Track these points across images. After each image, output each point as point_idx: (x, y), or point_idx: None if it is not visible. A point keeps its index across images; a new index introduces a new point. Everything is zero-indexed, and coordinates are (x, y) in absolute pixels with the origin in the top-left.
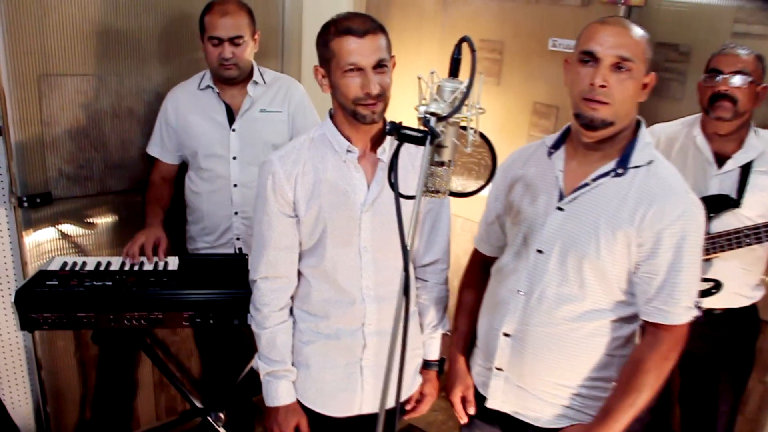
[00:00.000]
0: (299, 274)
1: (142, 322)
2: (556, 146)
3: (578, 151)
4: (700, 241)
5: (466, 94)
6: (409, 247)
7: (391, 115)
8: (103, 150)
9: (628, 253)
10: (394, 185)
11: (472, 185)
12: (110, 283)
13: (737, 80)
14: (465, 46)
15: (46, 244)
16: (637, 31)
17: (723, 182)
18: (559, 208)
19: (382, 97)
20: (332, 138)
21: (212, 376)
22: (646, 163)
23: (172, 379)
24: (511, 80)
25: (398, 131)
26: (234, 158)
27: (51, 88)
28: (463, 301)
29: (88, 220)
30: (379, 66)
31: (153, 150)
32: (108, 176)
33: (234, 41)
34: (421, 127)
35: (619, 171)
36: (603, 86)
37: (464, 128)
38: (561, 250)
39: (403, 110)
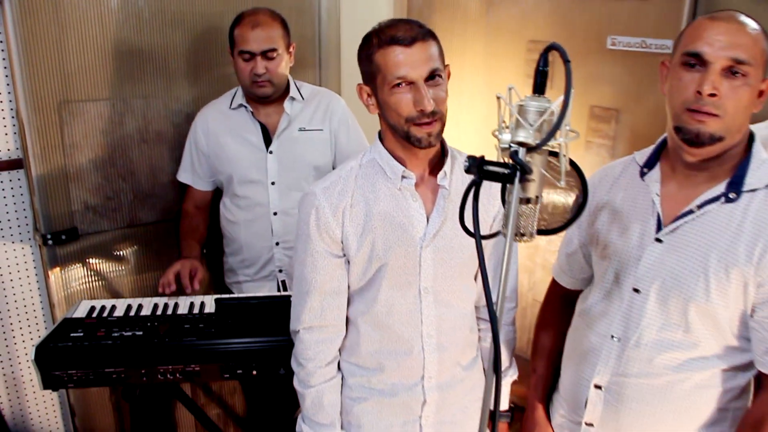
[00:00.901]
0: (347, 321)
1: (178, 375)
2: (649, 165)
3: (678, 172)
4: None
5: (562, 117)
6: (496, 301)
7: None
8: (131, 179)
9: (744, 294)
10: (474, 232)
11: (559, 221)
12: (141, 333)
13: None
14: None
15: (74, 283)
16: (754, 27)
17: None
18: (658, 240)
19: (438, 115)
20: (384, 163)
21: (257, 424)
22: (765, 186)
23: (213, 428)
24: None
25: (481, 168)
26: (272, 183)
27: (72, 115)
28: (541, 342)
29: (118, 255)
30: (432, 77)
31: (184, 177)
32: (137, 207)
33: (267, 55)
34: (507, 161)
35: (731, 196)
36: (713, 95)
37: (554, 153)
38: (661, 290)
39: (448, 127)
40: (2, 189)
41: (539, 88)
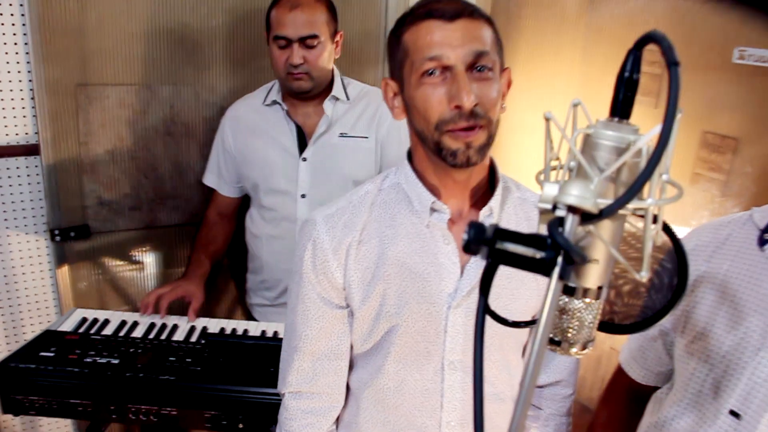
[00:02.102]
0: (348, 389)
1: (151, 417)
2: None
3: None
4: None
5: (654, 161)
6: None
7: (508, 165)
8: (153, 175)
9: None
10: (492, 312)
11: (634, 312)
12: (117, 361)
13: None
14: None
15: (82, 284)
16: None
17: None
18: None
19: (484, 119)
20: (410, 189)
21: None
22: None
23: None
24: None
25: (493, 248)
26: (302, 196)
27: (89, 100)
28: None
29: (133, 258)
30: (479, 68)
31: (209, 179)
32: (158, 207)
33: (306, 42)
34: (544, 233)
35: None
36: None
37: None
38: None
39: (527, 161)
40: (18, 176)
41: (622, 108)
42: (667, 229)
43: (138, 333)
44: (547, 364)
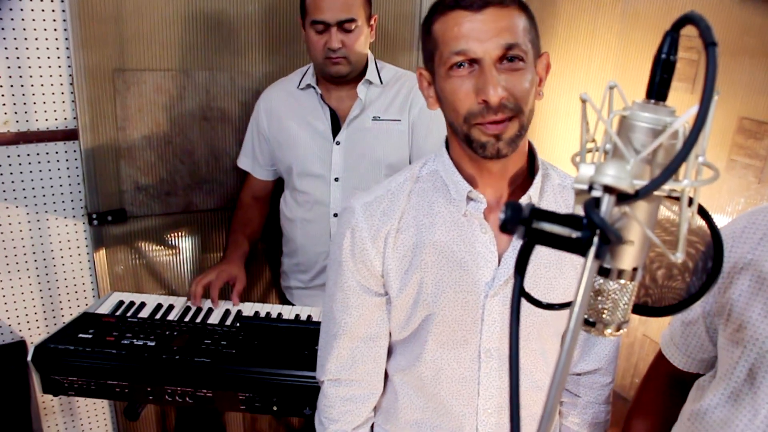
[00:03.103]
0: (385, 376)
1: (187, 399)
2: None
3: None
4: None
5: (690, 143)
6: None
7: (550, 153)
8: (189, 160)
9: None
10: (527, 294)
11: (669, 295)
12: (153, 344)
13: None
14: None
15: (119, 267)
16: None
17: None
18: None
19: (514, 112)
20: (448, 178)
21: None
22: None
23: None
24: None
25: (530, 227)
26: (336, 180)
27: (127, 85)
28: None
29: (169, 243)
30: (510, 59)
31: (244, 162)
32: (194, 192)
33: (344, 26)
34: (581, 214)
35: None
36: None
37: (673, 197)
38: None
39: (562, 145)
40: (57, 161)
41: (659, 90)
42: (702, 211)
43: (173, 316)
44: (587, 353)
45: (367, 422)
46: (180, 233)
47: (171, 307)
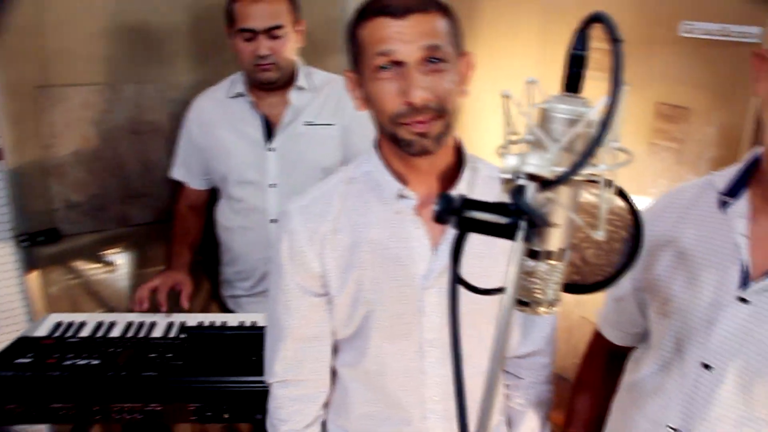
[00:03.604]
0: (334, 373)
1: (136, 416)
2: (733, 192)
3: None
4: None
5: (603, 131)
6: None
7: (478, 147)
8: (121, 175)
9: None
10: (463, 281)
11: (597, 273)
12: (98, 362)
13: None
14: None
15: (54, 289)
16: None
17: None
18: (742, 299)
19: (438, 111)
20: (379, 177)
21: None
22: None
23: None
24: (628, 75)
25: (458, 214)
26: (272, 185)
27: (52, 102)
28: (577, 409)
29: (105, 259)
30: (432, 61)
31: (177, 173)
32: (128, 206)
33: (272, 33)
34: (509, 201)
35: None
36: None
37: (593, 181)
38: (744, 370)
39: (491, 139)
40: None
41: (573, 83)
42: (621, 193)
43: (116, 333)
44: (526, 336)
45: (317, 420)
46: (116, 249)
47: (113, 325)
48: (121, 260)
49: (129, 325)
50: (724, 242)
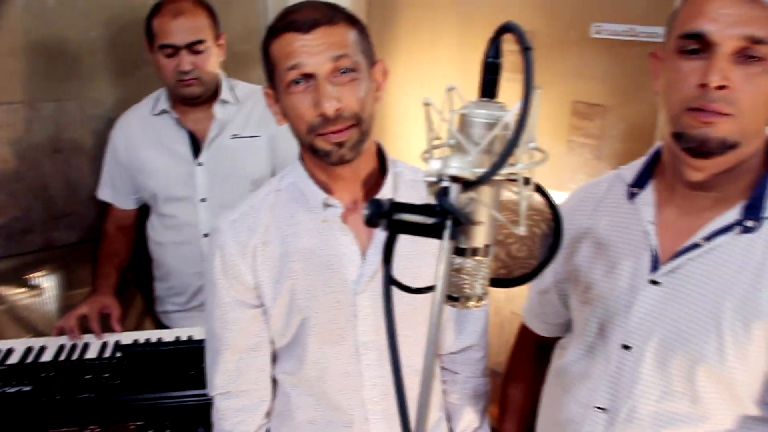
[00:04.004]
0: (274, 382)
1: None
2: (639, 183)
3: (678, 192)
4: None
5: (517, 133)
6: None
7: (402, 152)
8: (44, 195)
9: None
10: (396, 281)
11: (522, 266)
12: (30, 388)
13: None
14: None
15: None
16: None
17: None
18: (654, 282)
19: (352, 119)
20: (305, 188)
21: None
22: None
23: None
24: (543, 76)
25: (388, 218)
26: (202, 200)
27: None
28: (510, 399)
29: (31, 283)
30: (343, 71)
31: (104, 194)
32: (53, 227)
33: (193, 48)
34: (434, 203)
35: (749, 224)
36: (722, 87)
37: (512, 180)
38: (660, 347)
39: (417, 145)
40: None
41: (489, 89)
42: (540, 189)
43: (47, 357)
44: (460, 332)
45: (261, 429)
46: (42, 272)
47: (43, 349)
48: (47, 283)
49: (60, 348)
50: (635, 230)
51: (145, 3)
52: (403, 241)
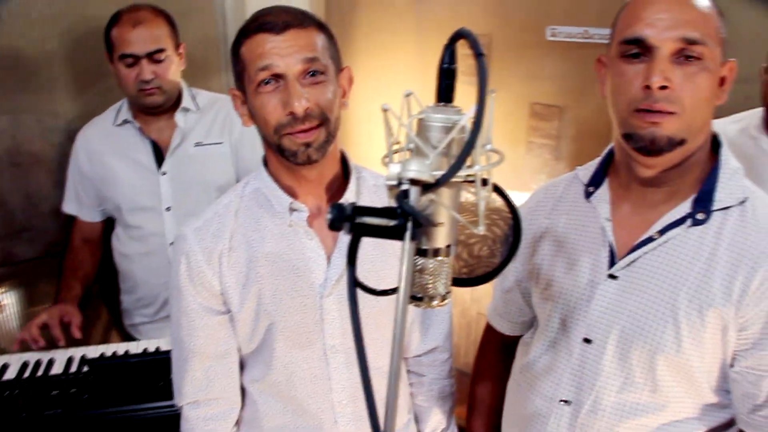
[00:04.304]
0: (243, 389)
1: None
2: (595, 182)
3: (631, 189)
4: None
5: (473, 136)
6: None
7: (363, 157)
8: (3, 210)
9: (723, 340)
10: (360, 284)
11: (484, 265)
12: None
13: None
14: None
15: None
16: (703, 0)
17: None
18: (612, 276)
19: (320, 120)
20: (269, 193)
21: None
22: (739, 202)
23: None
24: (502, 79)
25: (351, 221)
26: (167, 209)
27: None
28: (478, 397)
29: None
30: (312, 74)
31: (69, 207)
32: (13, 242)
33: (154, 57)
34: (395, 205)
35: (699, 216)
36: (664, 87)
37: (471, 181)
38: (620, 340)
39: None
40: None
41: (445, 94)
42: (498, 190)
43: (10, 375)
44: (425, 334)
45: None
46: (2, 288)
47: (5, 367)
48: (7, 300)
49: (24, 364)
50: (593, 227)
51: (101, 14)
52: (368, 244)
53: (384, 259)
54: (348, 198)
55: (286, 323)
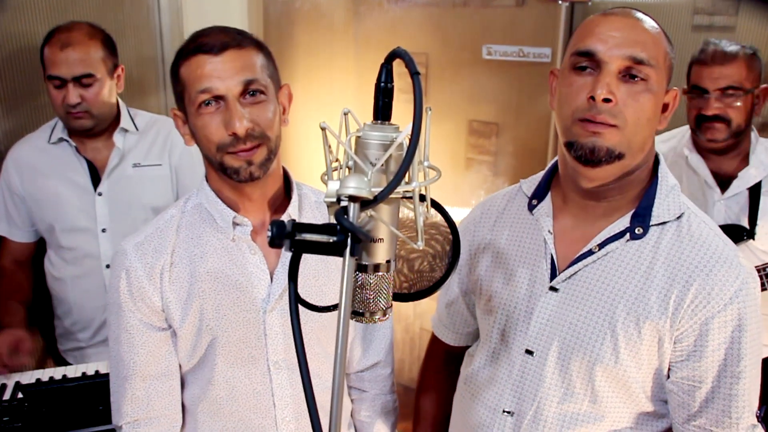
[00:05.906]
0: (183, 408)
1: None
2: (538, 195)
3: (573, 202)
4: (760, 329)
5: (410, 153)
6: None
7: (304, 174)
8: None
9: (659, 352)
10: (302, 300)
11: (426, 279)
12: None
13: (727, 101)
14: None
15: None
16: (653, 25)
17: (729, 209)
18: (552, 289)
19: (261, 139)
20: (212, 208)
21: None
22: (675, 218)
23: None
24: (440, 97)
25: (291, 238)
26: (103, 231)
27: None
28: (423, 409)
29: None
30: (252, 93)
31: None
32: None
33: (81, 81)
34: (335, 222)
35: (637, 231)
36: (608, 100)
37: (410, 197)
38: (560, 351)
39: (317, 166)
40: None
41: (383, 112)
42: (436, 206)
43: None
44: (366, 349)
45: None
46: None
47: None
48: None
49: None
50: (534, 240)
51: (32, 30)
52: (312, 259)
53: (327, 274)
54: (291, 213)
55: (229, 339)
